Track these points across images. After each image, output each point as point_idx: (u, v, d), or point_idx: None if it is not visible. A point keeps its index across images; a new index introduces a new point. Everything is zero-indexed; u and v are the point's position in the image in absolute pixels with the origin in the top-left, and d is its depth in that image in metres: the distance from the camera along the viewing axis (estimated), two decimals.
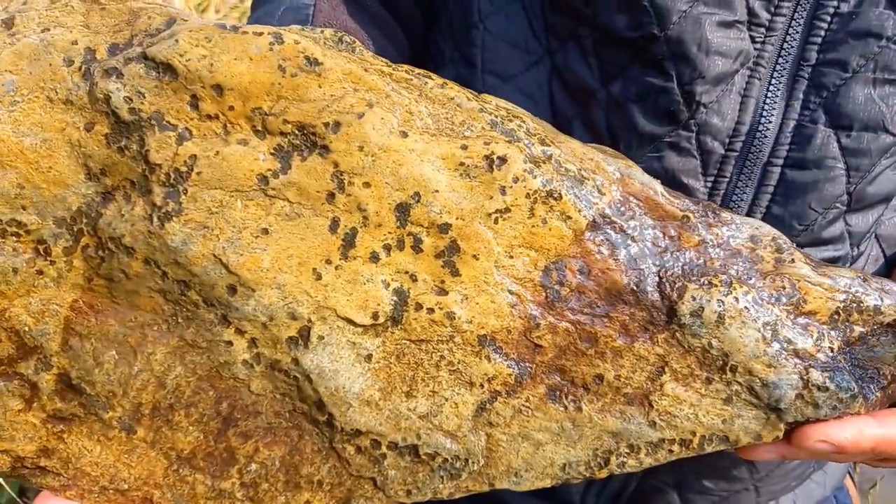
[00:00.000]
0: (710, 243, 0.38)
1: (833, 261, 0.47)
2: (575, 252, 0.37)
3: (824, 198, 0.44)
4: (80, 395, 0.38)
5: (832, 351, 0.37)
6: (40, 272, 0.38)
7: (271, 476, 0.39)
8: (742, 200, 0.46)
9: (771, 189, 0.45)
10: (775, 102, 0.44)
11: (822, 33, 0.43)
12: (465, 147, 0.37)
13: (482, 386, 0.37)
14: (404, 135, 0.37)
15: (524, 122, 0.39)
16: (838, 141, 0.43)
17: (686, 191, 0.45)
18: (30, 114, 0.37)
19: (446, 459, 0.38)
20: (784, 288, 0.38)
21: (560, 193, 0.37)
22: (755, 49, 0.43)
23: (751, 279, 0.38)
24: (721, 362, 0.37)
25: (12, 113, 0.37)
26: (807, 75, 0.43)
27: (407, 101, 0.37)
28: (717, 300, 0.37)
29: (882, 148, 0.44)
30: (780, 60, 0.43)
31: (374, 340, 0.37)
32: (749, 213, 0.45)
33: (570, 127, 0.48)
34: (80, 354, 0.38)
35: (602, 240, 0.37)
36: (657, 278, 0.37)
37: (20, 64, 0.37)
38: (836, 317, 0.38)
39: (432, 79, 0.38)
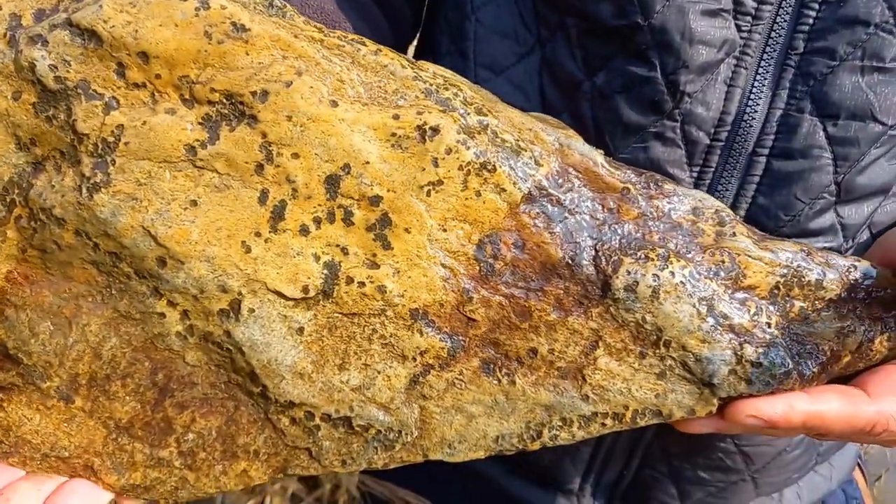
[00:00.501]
0: (650, 216, 0.38)
1: None
2: (510, 225, 0.37)
3: (811, 188, 0.44)
4: (17, 364, 0.38)
5: (769, 326, 0.37)
6: None
7: (208, 445, 0.39)
8: (727, 190, 0.45)
9: (756, 179, 0.45)
10: (761, 92, 0.43)
11: (811, 21, 0.42)
12: (396, 117, 0.36)
13: (415, 359, 0.37)
14: (334, 104, 0.36)
15: (461, 90, 0.38)
16: (825, 130, 0.43)
17: (672, 181, 0.45)
18: None
19: (379, 431, 0.38)
20: (723, 262, 0.37)
21: (494, 165, 0.36)
22: (741, 38, 0.43)
23: (689, 253, 0.37)
24: (655, 337, 0.37)
25: None
26: (794, 64, 0.43)
27: (338, 68, 0.36)
28: (653, 274, 0.36)
29: (871, 137, 0.43)
30: (768, 49, 0.43)
31: (305, 314, 0.37)
32: (735, 203, 0.45)
33: (558, 119, 0.48)
34: (15, 325, 0.38)
35: (538, 213, 0.37)
36: (593, 252, 0.37)
37: None
38: (775, 291, 0.37)
39: (366, 45, 0.37)
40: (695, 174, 0.45)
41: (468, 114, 0.37)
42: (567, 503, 0.59)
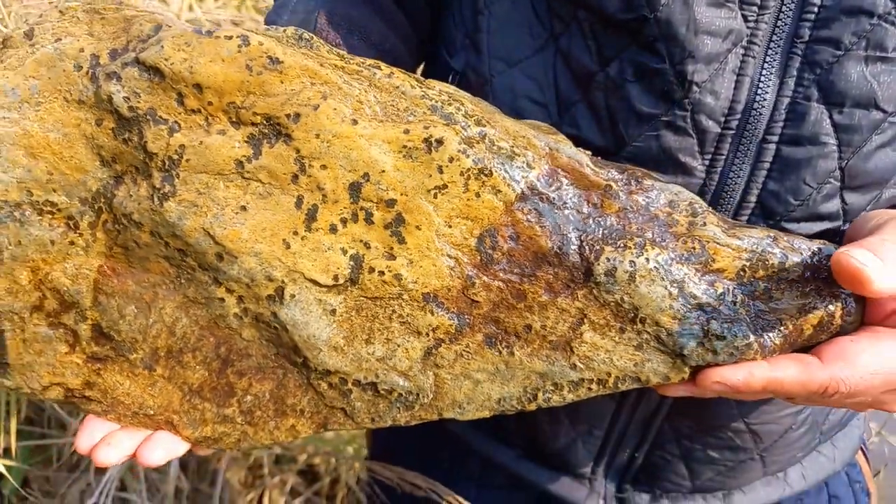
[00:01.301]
0: (630, 209, 0.43)
1: (829, 234, 0.48)
2: (506, 221, 0.43)
3: (818, 173, 0.45)
4: (110, 340, 0.47)
5: (734, 304, 0.42)
6: (72, 243, 0.46)
7: (263, 405, 0.47)
8: (739, 177, 0.46)
9: (767, 165, 0.46)
10: (769, 80, 0.44)
11: (815, 10, 0.42)
12: (407, 131, 0.42)
13: (428, 335, 0.44)
14: (355, 122, 0.42)
15: (463, 104, 0.44)
16: (830, 117, 0.44)
17: (684, 169, 0.47)
18: (51, 112, 0.44)
19: (401, 394, 0.45)
20: (694, 249, 0.42)
21: (491, 170, 0.42)
22: (748, 28, 0.43)
23: (664, 241, 0.43)
24: (632, 315, 0.43)
25: (38, 112, 0.44)
26: (800, 52, 0.43)
27: (357, 91, 0.43)
28: (629, 261, 0.42)
29: (873, 124, 0.44)
30: (774, 38, 0.43)
31: (336, 298, 0.44)
32: (746, 189, 0.46)
33: (573, 109, 0.49)
34: (107, 309, 0.47)
35: (530, 209, 0.43)
36: (578, 242, 0.43)
37: (40, 70, 0.44)
38: (741, 273, 0.42)
39: (381, 69, 0.43)
40: (707, 161, 0.47)
41: (468, 126, 0.43)
42: (579, 486, 0.61)
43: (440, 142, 0.42)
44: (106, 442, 0.47)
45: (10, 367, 0.48)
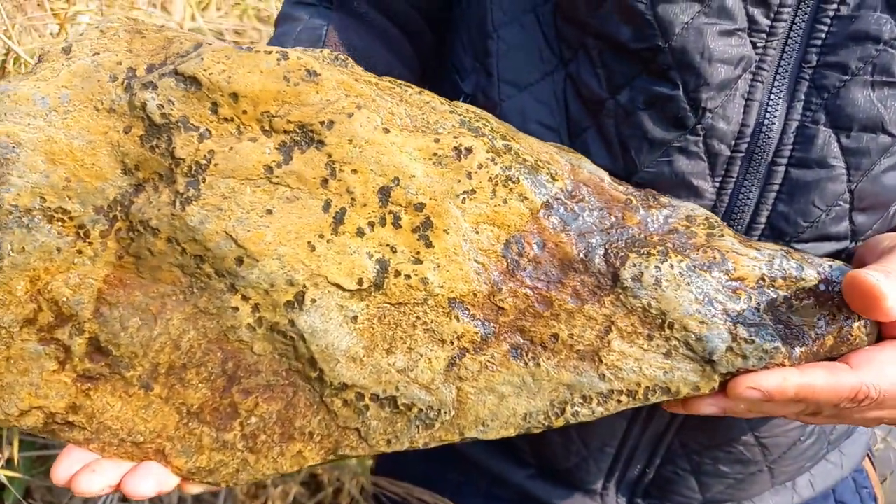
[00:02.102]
0: (650, 222, 0.44)
1: (838, 254, 0.49)
2: (532, 228, 0.44)
3: (826, 196, 0.46)
4: (106, 356, 0.44)
5: (758, 310, 0.43)
6: (80, 252, 0.45)
7: (268, 428, 0.44)
8: (749, 199, 0.47)
9: (776, 188, 0.46)
10: (778, 104, 0.45)
11: (823, 36, 0.44)
12: (437, 140, 0.44)
13: (452, 343, 0.43)
14: (386, 131, 0.44)
15: (489, 122, 0.46)
16: (839, 141, 0.45)
17: (695, 191, 0.48)
18: (79, 120, 0.45)
19: (421, 410, 0.43)
20: (715, 258, 0.43)
21: (518, 178, 0.44)
22: (756, 54, 0.44)
23: (685, 251, 0.44)
24: (660, 320, 0.43)
25: (65, 120, 0.45)
26: (808, 77, 0.44)
27: (389, 104, 0.45)
28: (655, 266, 0.43)
29: (881, 147, 0.45)
30: (782, 63, 0.44)
31: (359, 304, 0.43)
32: (756, 211, 0.47)
33: (584, 135, 0.50)
34: (108, 320, 0.44)
35: (555, 217, 0.44)
36: (603, 250, 0.43)
37: (74, 81, 0.45)
38: (761, 282, 0.43)
39: (411, 87, 0.46)
40: (717, 184, 0.47)
41: (495, 139, 0.45)
42: (590, 502, 0.60)
43: (469, 150, 0.44)
44: (90, 469, 0.42)
45: None
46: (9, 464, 0.77)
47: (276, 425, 0.44)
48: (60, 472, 0.42)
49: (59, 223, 0.45)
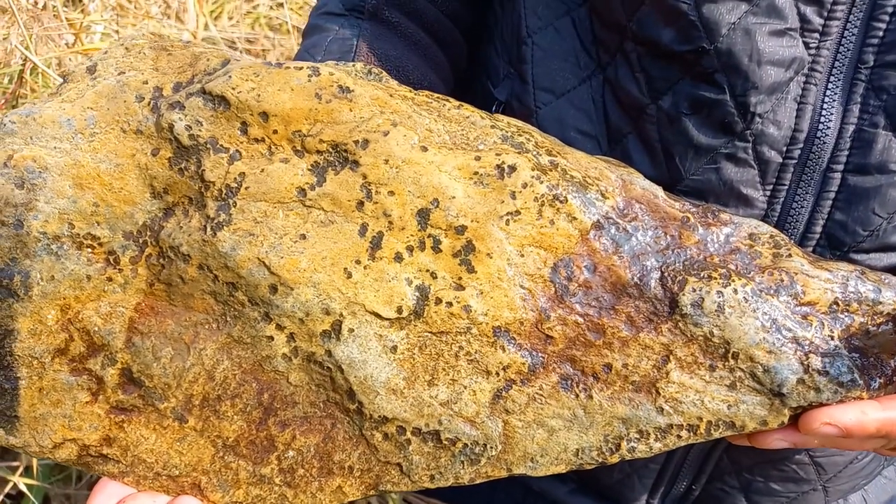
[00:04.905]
0: (710, 241, 0.41)
1: None
2: (581, 250, 0.41)
3: (888, 203, 0.44)
4: (139, 387, 0.43)
5: (832, 339, 0.39)
6: (110, 279, 0.43)
7: (307, 462, 0.42)
8: (803, 208, 0.45)
9: (832, 195, 0.44)
10: (833, 107, 0.43)
11: (881, 34, 0.41)
12: (478, 158, 0.41)
13: (498, 374, 0.40)
14: (424, 149, 0.41)
15: (533, 136, 0.43)
16: None
17: (745, 201, 0.46)
18: (106, 143, 0.43)
19: (466, 444, 0.41)
20: (782, 280, 0.40)
21: (565, 197, 0.41)
22: (809, 55, 0.43)
23: (749, 273, 0.40)
24: (723, 350, 0.39)
25: (91, 143, 0.43)
26: (864, 78, 0.42)
27: (427, 120, 0.42)
28: (717, 291, 0.40)
29: None
30: (837, 64, 0.42)
31: (398, 333, 0.41)
32: (811, 220, 0.45)
33: (624, 141, 0.48)
34: (140, 351, 0.43)
35: (606, 238, 0.41)
36: (659, 273, 0.40)
37: (100, 102, 0.43)
38: (834, 307, 0.40)
39: (450, 101, 0.43)
40: (768, 192, 0.45)
41: (540, 154, 0.42)
42: None
43: (513, 168, 0.41)
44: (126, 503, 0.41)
45: (20, 420, 0.43)
46: (27, 472, 0.77)
47: (314, 459, 0.42)
48: None
49: (89, 250, 0.43)
